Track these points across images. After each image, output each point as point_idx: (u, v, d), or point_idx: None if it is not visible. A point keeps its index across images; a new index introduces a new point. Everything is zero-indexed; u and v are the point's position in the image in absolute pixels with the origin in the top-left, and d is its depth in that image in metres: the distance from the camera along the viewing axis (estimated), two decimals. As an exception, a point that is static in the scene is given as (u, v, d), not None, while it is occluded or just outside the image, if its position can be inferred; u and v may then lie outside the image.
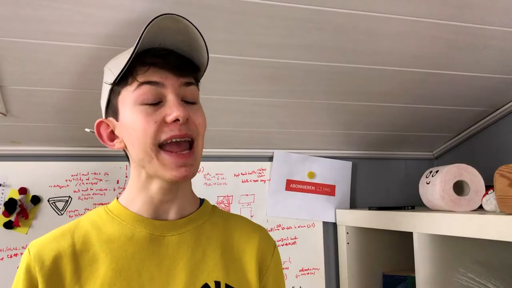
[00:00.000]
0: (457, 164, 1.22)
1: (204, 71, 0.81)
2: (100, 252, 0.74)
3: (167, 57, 0.74)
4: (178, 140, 0.73)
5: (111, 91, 0.76)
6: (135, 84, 0.72)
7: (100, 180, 1.38)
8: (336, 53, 1.06)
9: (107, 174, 1.39)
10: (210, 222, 0.83)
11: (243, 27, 0.93)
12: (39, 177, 1.33)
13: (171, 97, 0.72)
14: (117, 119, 0.76)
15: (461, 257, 1.18)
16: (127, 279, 0.73)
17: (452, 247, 1.17)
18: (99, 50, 0.95)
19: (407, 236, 1.23)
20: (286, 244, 1.54)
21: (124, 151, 0.80)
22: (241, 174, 1.53)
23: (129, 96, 0.73)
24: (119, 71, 0.73)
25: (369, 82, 1.21)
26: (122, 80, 0.74)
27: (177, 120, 0.71)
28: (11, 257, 1.27)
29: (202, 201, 0.86)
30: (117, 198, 0.81)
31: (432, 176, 1.25)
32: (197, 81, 0.79)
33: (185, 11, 0.86)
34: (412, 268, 1.19)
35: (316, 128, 1.47)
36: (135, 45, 0.70)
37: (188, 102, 0.75)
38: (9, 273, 1.27)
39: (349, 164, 1.64)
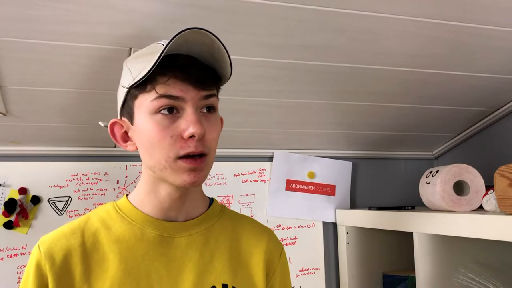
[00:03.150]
0: (457, 164, 1.22)
1: (228, 80, 0.78)
2: (109, 252, 0.74)
3: (189, 69, 0.70)
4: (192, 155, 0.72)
5: (128, 92, 0.74)
6: (153, 94, 0.70)
7: (100, 180, 1.38)
8: (336, 53, 1.06)
9: (107, 174, 1.39)
10: (219, 224, 0.83)
11: (243, 27, 0.93)
12: (39, 177, 1.33)
13: (189, 111, 0.70)
14: (132, 123, 0.75)
15: (461, 257, 1.18)
16: (136, 280, 0.73)
17: (452, 247, 1.17)
18: (99, 50, 0.95)
19: (407, 236, 1.23)
20: (286, 244, 1.54)
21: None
22: (241, 174, 1.53)
23: (146, 104, 0.71)
24: (138, 78, 0.70)
25: (369, 82, 1.21)
26: (140, 84, 0.71)
27: (192, 136, 0.70)
28: (11, 257, 1.27)
29: (211, 200, 0.86)
30: (127, 195, 0.80)
31: (432, 176, 1.25)
32: (218, 88, 0.77)
33: (185, 11, 0.86)
34: (412, 268, 1.19)
35: (316, 128, 1.47)
36: (156, 58, 0.67)
37: (206, 111, 0.74)
38: (9, 273, 1.27)
39: (349, 164, 1.64)
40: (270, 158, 1.56)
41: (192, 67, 0.71)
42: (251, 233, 0.85)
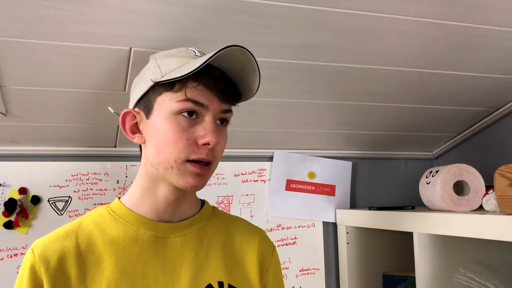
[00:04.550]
0: (457, 164, 1.22)
1: (246, 100, 0.81)
2: (104, 253, 0.74)
3: (219, 80, 0.74)
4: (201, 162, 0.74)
5: (153, 87, 0.75)
6: (180, 96, 0.72)
7: (100, 180, 1.38)
8: (336, 53, 1.06)
9: (107, 174, 1.39)
10: (211, 224, 0.84)
11: (243, 27, 0.93)
12: (39, 177, 1.33)
13: (208, 120, 0.73)
14: (147, 116, 0.76)
15: (461, 257, 1.18)
16: (132, 280, 0.73)
17: (452, 247, 1.17)
18: (99, 50, 0.95)
19: (407, 236, 1.23)
20: (286, 244, 1.54)
21: (140, 146, 0.80)
22: (241, 174, 1.52)
23: (170, 103, 0.72)
24: (170, 76, 0.72)
25: (369, 82, 1.20)
26: (168, 82, 0.73)
27: (207, 144, 0.72)
28: (11, 257, 1.27)
29: (203, 202, 0.87)
30: (119, 199, 0.81)
31: (432, 176, 1.25)
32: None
33: (185, 11, 0.86)
34: (412, 268, 1.19)
35: (316, 128, 1.47)
36: (199, 63, 0.69)
37: (220, 123, 0.77)
38: (9, 273, 1.27)
39: (349, 164, 1.64)
40: (270, 158, 1.56)
41: (222, 80, 0.74)
42: (243, 232, 0.86)
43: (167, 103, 0.73)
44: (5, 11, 0.81)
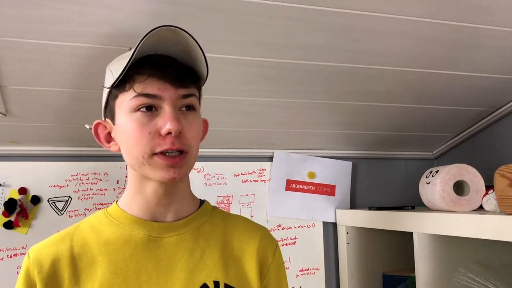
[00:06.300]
0: (457, 164, 1.22)
1: (205, 81, 0.79)
2: (98, 254, 0.75)
3: (166, 68, 0.72)
4: (170, 152, 0.72)
5: (110, 93, 0.76)
6: (132, 93, 0.71)
7: (100, 180, 1.38)
8: (336, 53, 1.06)
9: (107, 174, 1.39)
10: (210, 223, 0.83)
11: (243, 27, 0.93)
12: (39, 177, 1.33)
13: (167, 109, 0.71)
14: (113, 123, 0.77)
15: (461, 257, 1.18)
16: (125, 281, 0.73)
17: (452, 247, 1.17)
18: (98, 50, 0.95)
19: (407, 236, 1.23)
20: (286, 244, 1.54)
21: None
22: (241, 174, 1.53)
23: (125, 103, 0.73)
24: (117, 77, 0.72)
25: (369, 82, 1.21)
26: (120, 84, 0.73)
27: (170, 133, 0.71)
28: (11, 257, 1.27)
29: (202, 202, 0.86)
30: (116, 202, 0.82)
31: (432, 176, 1.25)
32: (198, 89, 0.78)
33: (184, 11, 0.86)
34: (412, 268, 1.19)
35: (316, 128, 1.47)
36: (131, 54, 0.70)
37: (185, 110, 0.75)
38: (9, 273, 1.27)
39: (349, 164, 1.64)
40: (270, 158, 1.56)
41: (169, 66, 0.73)
42: (243, 231, 0.85)
43: (123, 104, 0.73)
44: (5, 11, 0.81)
